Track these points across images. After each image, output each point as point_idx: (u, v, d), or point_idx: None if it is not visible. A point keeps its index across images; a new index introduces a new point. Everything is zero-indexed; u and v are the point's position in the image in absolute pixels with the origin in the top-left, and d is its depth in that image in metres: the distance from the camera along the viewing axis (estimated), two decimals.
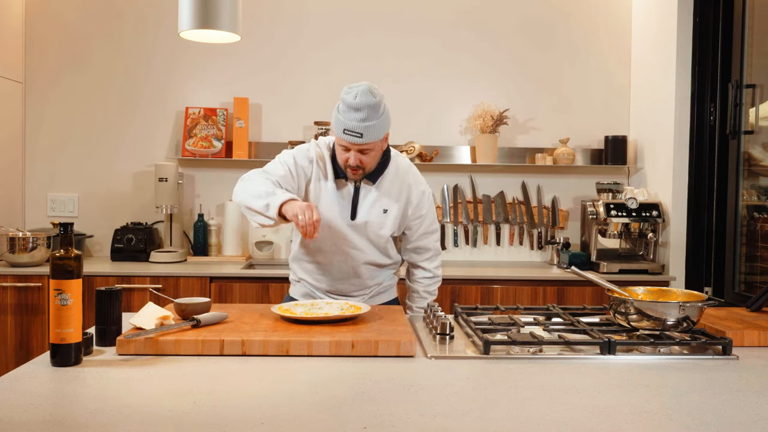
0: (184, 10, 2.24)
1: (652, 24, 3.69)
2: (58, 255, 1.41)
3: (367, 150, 2.07)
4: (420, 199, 2.24)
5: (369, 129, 2.04)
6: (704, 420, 1.17)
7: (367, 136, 2.04)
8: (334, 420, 1.14)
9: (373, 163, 2.13)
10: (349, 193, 2.18)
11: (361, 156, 2.08)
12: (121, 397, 1.25)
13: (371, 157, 2.10)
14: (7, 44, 3.61)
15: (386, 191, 2.20)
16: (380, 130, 2.07)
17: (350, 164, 2.08)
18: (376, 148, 2.10)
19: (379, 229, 2.19)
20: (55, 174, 3.81)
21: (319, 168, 2.18)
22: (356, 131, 2.03)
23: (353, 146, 2.05)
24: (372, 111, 2.04)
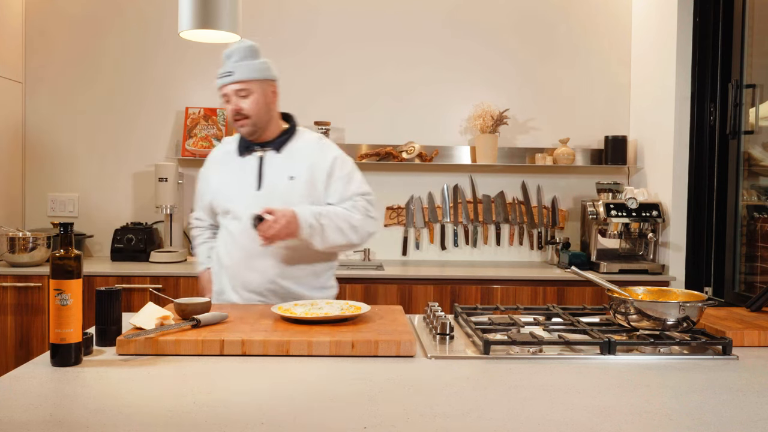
0: (184, 10, 2.24)
1: (652, 24, 3.69)
2: (58, 255, 1.41)
3: (242, 92, 2.08)
4: (332, 164, 2.17)
5: (240, 66, 2.07)
6: (704, 420, 1.17)
7: (240, 72, 2.06)
8: (334, 420, 1.14)
9: (257, 111, 2.10)
10: (254, 164, 2.17)
11: (241, 101, 2.08)
12: (121, 397, 1.25)
13: (253, 102, 2.09)
14: (7, 44, 3.61)
15: (292, 158, 2.16)
16: (256, 69, 2.09)
17: (230, 110, 2.09)
18: (255, 91, 2.09)
19: (288, 195, 2.11)
20: (55, 174, 3.81)
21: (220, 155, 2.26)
22: (227, 71, 2.08)
23: (228, 88, 2.08)
24: (244, 52, 2.08)
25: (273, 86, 2.16)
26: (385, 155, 3.73)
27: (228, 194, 2.19)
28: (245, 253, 2.15)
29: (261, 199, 2.10)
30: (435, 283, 3.29)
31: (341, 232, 2.10)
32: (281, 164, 2.15)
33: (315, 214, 2.05)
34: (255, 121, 2.12)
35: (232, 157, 2.22)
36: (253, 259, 2.14)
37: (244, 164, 2.19)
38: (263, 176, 2.15)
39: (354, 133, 3.86)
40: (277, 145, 2.18)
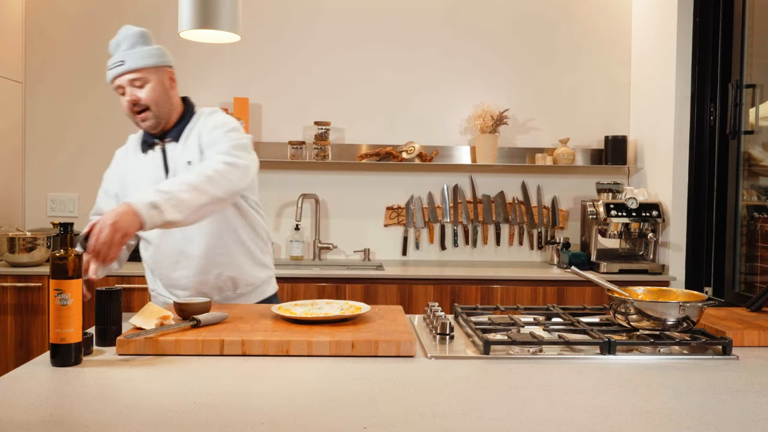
0: (184, 10, 2.24)
1: (652, 24, 3.69)
2: (58, 255, 1.41)
3: (137, 81, 1.94)
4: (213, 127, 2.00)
5: (132, 54, 1.93)
6: (704, 420, 1.17)
7: (131, 60, 1.92)
8: (334, 420, 1.14)
9: (155, 100, 1.96)
10: (157, 161, 2.04)
11: (136, 90, 1.94)
12: (121, 397, 1.25)
13: (150, 90, 1.95)
14: (7, 44, 3.61)
15: (188, 142, 2.02)
16: (149, 55, 1.94)
17: (127, 102, 1.95)
18: (150, 80, 1.95)
19: None
20: (55, 174, 3.81)
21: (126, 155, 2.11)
22: (116, 61, 1.93)
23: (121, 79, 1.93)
24: (134, 39, 1.95)
25: (170, 73, 2.02)
26: (385, 155, 3.74)
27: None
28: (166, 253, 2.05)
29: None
30: (435, 283, 3.29)
31: (198, 190, 1.75)
32: (181, 152, 2.02)
33: (157, 191, 1.71)
34: (156, 112, 1.98)
35: (136, 155, 2.09)
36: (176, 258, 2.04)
37: (148, 162, 2.06)
38: (169, 170, 2.02)
39: (354, 133, 3.87)
40: (175, 133, 2.03)
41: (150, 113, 1.98)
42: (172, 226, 1.75)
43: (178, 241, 2.02)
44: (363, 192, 3.88)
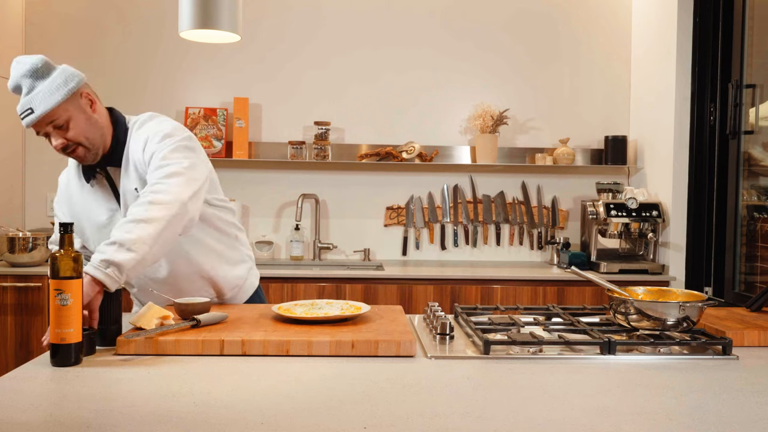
0: (185, 10, 2.24)
1: (652, 24, 3.69)
2: (58, 255, 1.41)
3: (58, 122, 1.72)
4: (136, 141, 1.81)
5: (37, 97, 1.69)
6: (704, 420, 1.17)
7: (40, 105, 1.69)
8: (334, 420, 1.14)
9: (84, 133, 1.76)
10: (106, 190, 1.88)
11: (62, 132, 1.73)
12: (121, 397, 1.25)
13: (78, 129, 1.74)
14: (7, 44, 3.61)
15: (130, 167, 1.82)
16: (54, 91, 1.70)
17: (57, 147, 1.75)
18: (69, 116, 1.73)
19: None
20: (55, 174, 3.77)
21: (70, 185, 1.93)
22: (26, 109, 1.69)
23: (39, 127, 1.71)
24: (31, 79, 1.70)
25: (85, 94, 1.80)
26: (385, 155, 3.74)
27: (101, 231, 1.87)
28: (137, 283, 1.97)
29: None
30: (435, 283, 3.29)
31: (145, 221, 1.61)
32: (126, 178, 1.83)
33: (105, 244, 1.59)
34: (88, 144, 1.78)
35: (81, 185, 1.91)
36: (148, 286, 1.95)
37: (95, 192, 1.89)
38: (120, 198, 1.85)
39: (354, 133, 3.87)
40: (115, 158, 1.84)
41: (82, 149, 1.78)
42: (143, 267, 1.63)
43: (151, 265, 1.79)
44: (363, 192, 3.88)
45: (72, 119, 1.74)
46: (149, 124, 1.86)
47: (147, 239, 1.59)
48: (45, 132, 1.75)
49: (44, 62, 1.72)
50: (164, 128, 1.82)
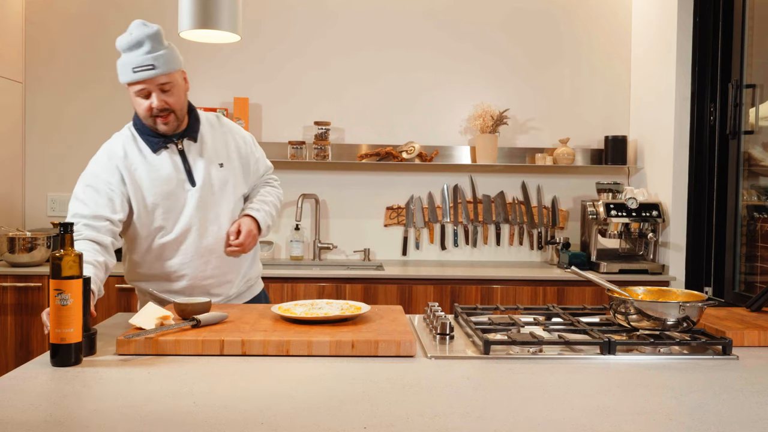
0: (185, 10, 2.24)
1: (652, 23, 3.69)
2: (58, 255, 1.41)
3: (167, 86, 1.89)
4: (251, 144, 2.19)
5: (160, 58, 1.86)
6: (704, 420, 1.17)
7: (161, 66, 1.86)
8: (334, 420, 1.14)
9: (180, 103, 1.95)
10: (175, 160, 2.00)
11: (165, 96, 1.90)
12: (121, 397, 1.25)
13: (176, 95, 1.92)
14: (7, 44, 3.61)
15: (212, 145, 2.05)
16: (173, 60, 1.90)
17: (155, 107, 1.89)
18: (176, 84, 1.92)
19: (225, 184, 2.04)
20: (55, 174, 3.81)
21: (129, 155, 1.98)
22: (147, 64, 1.85)
23: (150, 84, 1.87)
24: (155, 41, 1.88)
25: (184, 73, 1.99)
26: (385, 155, 3.74)
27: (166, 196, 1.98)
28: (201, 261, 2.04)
29: (200, 194, 2.00)
30: (435, 283, 3.29)
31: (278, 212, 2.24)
32: (204, 153, 2.03)
33: (268, 213, 2.13)
34: (178, 115, 1.96)
35: (146, 155, 1.99)
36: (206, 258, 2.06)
37: (163, 162, 1.99)
38: (192, 170, 2.01)
39: (354, 133, 3.87)
40: (191, 133, 2.02)
41: (173, 116, 1.94)
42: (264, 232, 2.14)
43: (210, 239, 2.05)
44: (363, 192, 3.88)
45: (175, 87, 1.92)
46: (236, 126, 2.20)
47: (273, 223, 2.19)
48: (147, 91, 1.89)
49: (161, 31, 1.93)
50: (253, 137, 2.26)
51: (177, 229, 2.01)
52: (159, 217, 1.99)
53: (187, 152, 2.02)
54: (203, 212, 2.02)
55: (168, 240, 2.01)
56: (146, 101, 1.90)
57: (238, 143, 2.13)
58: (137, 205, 1.98)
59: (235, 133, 2.15)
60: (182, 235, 2.01)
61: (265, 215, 2.11)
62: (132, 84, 1.89)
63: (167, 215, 1.99)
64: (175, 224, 2.00)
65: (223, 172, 2.05)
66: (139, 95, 1.91)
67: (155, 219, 1.99)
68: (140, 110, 1.94)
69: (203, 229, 2.02)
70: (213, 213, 2.04)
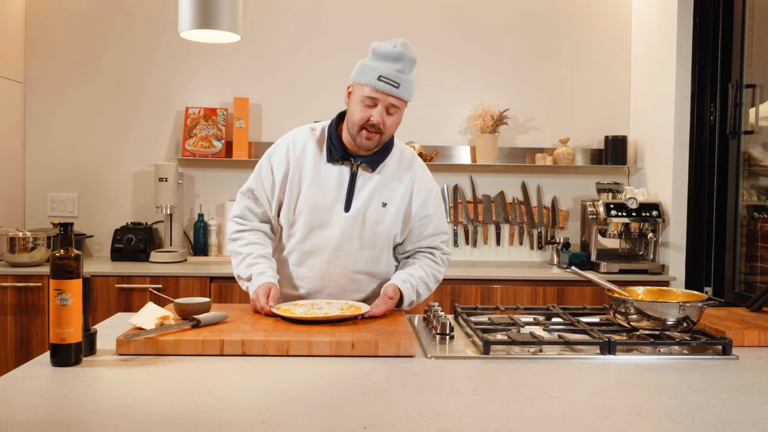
0: (185, 10, 2.24)
1: (652, 24, 3.69)
2: (58, 255, 1.41)
3: (393, 109, 1.88)
4: (426, 197, 2.01)
5: (406, 83, 1.86)
6: (704, 420, 1.17)
7: (404, 89, 1.86)
8: (334, 420, 1.14)
9: (391, 132, 1.94)
10: (343, 179, 1.95)
11: (386, 116, 1.87)
12: (121, 397, 1.25)
13: (394, 122, 1.91)
14: (7, 44, 3.61)
15: (387, 182, 1.97)
16: (412, 91, 1.91)
17: (373, 122, 1.85)
18: (400, 113, 1.91)
19: (377, 225, 1.95)
20: (55, 174, 3.81)
21: (306, 153, 1.97)
22: (394, 80, 1.84)
23: (385, 98, 1.84)
24: (410, 65, 1.90)
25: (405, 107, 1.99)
26: None
27: (314, 208, 1.95)
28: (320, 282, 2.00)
29: (348, 223, 1.94)
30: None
31: (429, 289, 2.04)
32: (375, 187, 1.96)
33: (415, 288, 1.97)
34: (384, 139, 1.93)
35: (320, 161, 1.97)
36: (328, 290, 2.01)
37: (330, 175, 1.96)
38: (353, 196, 1.95)
39: None
40: (373, 162, 1.96)
41: (378, 137, 1.91)
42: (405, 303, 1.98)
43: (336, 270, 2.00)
44: None
45: (397, 115, 1.92)
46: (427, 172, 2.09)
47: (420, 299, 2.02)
48: (375, 104, 1.87)
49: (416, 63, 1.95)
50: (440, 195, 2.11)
51: (310, 244, 1.98)
52: (300, 223, 1.97)
53: (359, 177, 1.97)
54: (342, 242, 1.95)
55: (299, 248, 1.99)
56: (368, 111, 1.87)
57: (412, 191, 2.00)
58: (288, 201, 1.98)
59: (421, 181, 2.02)
60: (313, 251, 1.98)
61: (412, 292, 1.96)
62: (367, 87, 1.87)
63: (308, 226, 1.96)
64: (312, 238, 1.97)
65: (382, 213, 1.96)
66: (365, 102, 1.87)
67: (296, 223, 1.98)
68: (356, 115, 1.89)
69: (334, 257, 1.97)
70: (351, 246, 1.96)
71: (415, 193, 2.00)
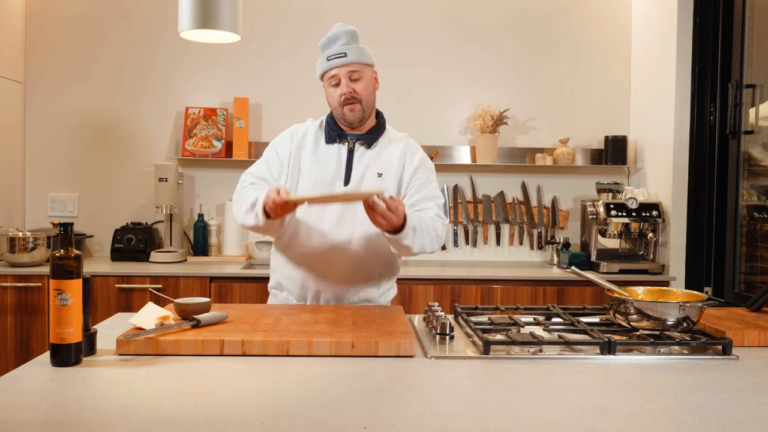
0: (185, 10, 2.24)
1: (652, 24, 3.69)
2: (58, 255, 1.41)
3: (356, 75, 2.05)
4: (419, 164, 2.13)
5: (352, 50, 2.05)
6: (704, 420, 1.17)
7: (352, 55, 2.04)
8: (334, 420, 1.14)
9: (368, 95, 2.08)
10: (341, 156, 2.10)
11: (353, 84, 2.05)
12: (121, 397, 1.25)
13: (364, 86, 2.07)
14: (7, 44, 3.61)
15: (381, 154, 2.12)
16: (364, 53, 2.07)
17: (343, 92, 2.04)
18: (365, 76, 2.07)
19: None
20: (55, 174, 3.81)
21: (306, 137, 2.14)
22: (339, 52, 2.05)
23: (341, 70, 2.04)
24: (351, 37, 2.07)
25: (375, 73, 2.15)
26: None
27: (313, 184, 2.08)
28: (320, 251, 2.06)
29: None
30: (435, 283, 3.29)
31: (430, 238, 2.00)
32: (370, 160, 2.10)
33: (417, 218, 1.96)
34: (365, 105, 2.08)
35: (319, 143, 2.14)
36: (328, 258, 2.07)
37: (330, 154, 2.11)
38: (352, 171, 2.09)
39: None
40: (368, 139, 2.12)
41: (359, 105, 2.06)
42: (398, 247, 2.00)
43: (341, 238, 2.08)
44: None
45: (363, 79, 2.08)
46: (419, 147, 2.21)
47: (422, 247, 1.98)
48: (338, 79, 2.06)
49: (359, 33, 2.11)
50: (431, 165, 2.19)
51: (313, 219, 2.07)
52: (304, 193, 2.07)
53: (355, 153, 2.11)
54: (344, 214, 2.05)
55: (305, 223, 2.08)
56: (336, 89, 2.06)
57: (406, 160, 2.13)
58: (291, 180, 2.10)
59: (413, 152, 2.15)
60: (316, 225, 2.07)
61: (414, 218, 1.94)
62: (326, 72, 2.07)
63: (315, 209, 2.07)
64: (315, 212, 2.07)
65: (379, 183, 2.08)
66: (331, 84, 2.07)
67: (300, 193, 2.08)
68: (332, 100, 2.09)
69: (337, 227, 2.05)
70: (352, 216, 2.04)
71: (409, 160, 2.13)
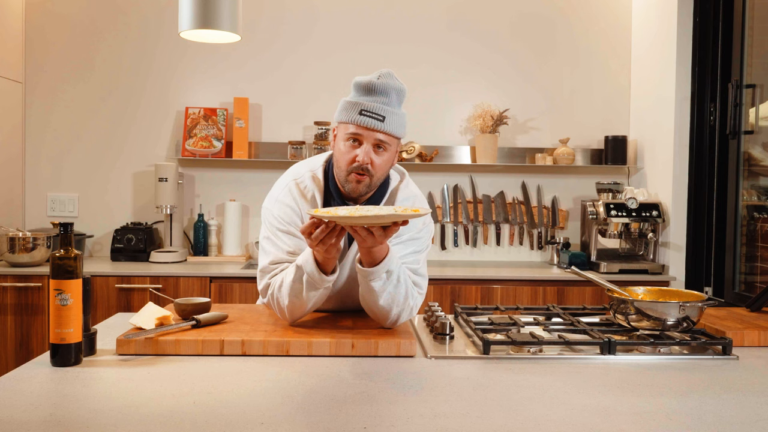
0: (185, 10, 2.24)
1: (652, 24, 3.69)
2: (58, 255, 1.41)
3: (383, 146, 1.69)
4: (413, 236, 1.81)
5: (393, 116, 1.67)
6: (704, 420, 1.17)
7: (390, 123, 1.67)
8: (334, 420, 1.14)
9: (382, 172, 1.74)
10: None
11: (374, 155, 1.68)
12: (121, 397, 1.25)
13: (384, 161, 1.71)
14: (7, 44, 3.61)
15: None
16: (401, 124, 1.70)
17: (359, 161, 1.67)
18: (390, 150, 1.72)
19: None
20: (55, 174, 3.81)
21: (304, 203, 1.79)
22: (378, 113, 1.66)
23: (370, 134, 1.66)
24: (397, 96, 1.70)
25: (400, 146, 1.80)
26: None
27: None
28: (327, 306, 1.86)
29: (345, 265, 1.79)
30: (435, 283, 3.29)
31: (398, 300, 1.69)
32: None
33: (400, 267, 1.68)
34: (374, 181, 1.73)
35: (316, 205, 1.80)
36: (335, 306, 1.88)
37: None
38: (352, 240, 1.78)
39: None
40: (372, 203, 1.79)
41: (368, 180, 1.71)
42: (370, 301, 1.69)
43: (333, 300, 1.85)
44: None
45: (387, 152, 1.72)
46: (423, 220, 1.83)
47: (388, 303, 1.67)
48: (360, 141, 1.69)
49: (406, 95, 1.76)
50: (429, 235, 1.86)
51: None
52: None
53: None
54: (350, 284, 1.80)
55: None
56: (353, 151, 1.69)
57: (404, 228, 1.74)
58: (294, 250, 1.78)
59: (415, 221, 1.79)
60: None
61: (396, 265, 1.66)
62: (350, 124, 1.69)
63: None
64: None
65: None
66: (349, 140, 1.70)
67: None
68: (342, 157, 1.71)
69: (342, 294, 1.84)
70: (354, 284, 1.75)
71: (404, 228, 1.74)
